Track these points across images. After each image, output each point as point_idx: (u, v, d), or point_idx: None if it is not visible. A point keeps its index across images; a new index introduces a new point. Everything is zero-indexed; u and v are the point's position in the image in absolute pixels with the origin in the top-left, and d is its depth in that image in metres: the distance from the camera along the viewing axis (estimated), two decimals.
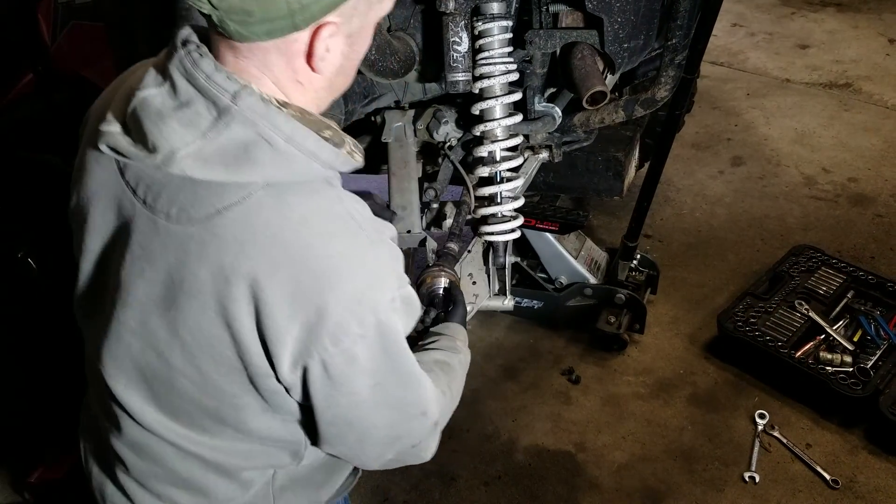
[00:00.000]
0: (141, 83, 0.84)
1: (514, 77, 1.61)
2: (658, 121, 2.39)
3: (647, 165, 2.20)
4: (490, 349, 2.55)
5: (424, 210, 1.80)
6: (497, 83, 1.59)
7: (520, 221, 1.73)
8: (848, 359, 2.23)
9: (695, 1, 1.53)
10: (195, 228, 0.83)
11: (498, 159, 1.68)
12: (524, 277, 2.53)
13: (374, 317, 0.84)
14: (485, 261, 1.81)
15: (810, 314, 2.38)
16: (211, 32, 0.83)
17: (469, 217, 1.74)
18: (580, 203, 2.95)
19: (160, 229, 0.85)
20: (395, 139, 1.78)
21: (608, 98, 1.51)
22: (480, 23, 1.53)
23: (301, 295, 0.81)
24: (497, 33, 1.54)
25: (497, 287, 1.84)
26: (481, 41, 1.55)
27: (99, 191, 0.92)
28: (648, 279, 2.55)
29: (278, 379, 0.87)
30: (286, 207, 0.82)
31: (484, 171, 1.69)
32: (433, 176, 1.82)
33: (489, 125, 1.64)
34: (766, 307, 2.44)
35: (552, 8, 1.56)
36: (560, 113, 1.72)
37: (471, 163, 1.74)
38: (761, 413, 2.22)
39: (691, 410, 2.29)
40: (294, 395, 0.90)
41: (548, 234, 2.36)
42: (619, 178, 2.14)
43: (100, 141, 0.86)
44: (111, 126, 0.86)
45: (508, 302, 1.84)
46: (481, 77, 1.58)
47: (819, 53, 4.25)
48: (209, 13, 0.76)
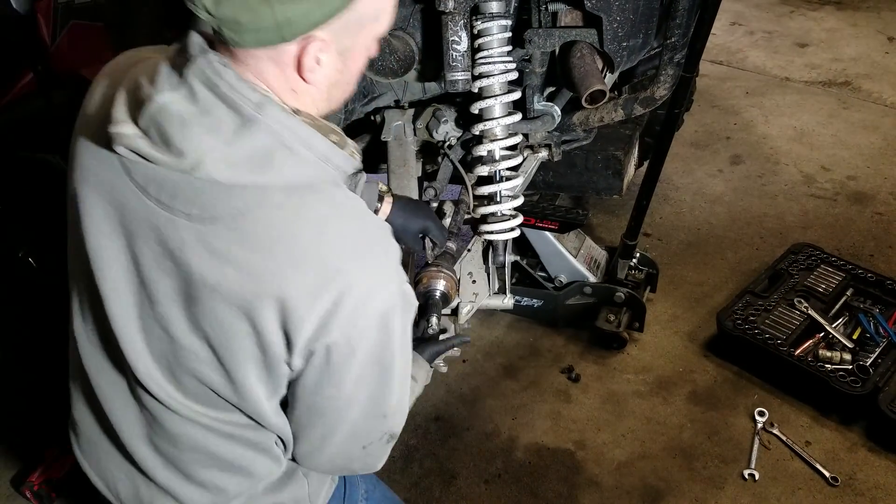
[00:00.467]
0: (154, 85, 0.86)
1: (514, 76, 1.61)
2: (657, 119, 2.39)
3: (647, 164, 2.20)
4: (490, 347, 2.56)
5: None
6: (496, 82, 1.59)
7: (519, 220, 1.73)
8: (847, 356, 2.23)
9: (693, 0, 1.53)
10: (217, 227, 0.87)
11: (497, 158, 1.69)
12: (524, 276, 2.53)
13: (378, 311, 0.91)
14: (484, 259, 1.81)
15: (809, 312, 2.39)
16: (215, 38, 0.86)
17: (468, 216, 1.74)
18: (579, 202, 2.95)
19: (180, 228, 0.88)
20: (395, 138, 1.79)
21: (607, 97, 1.51)
22: (479, 22, 1.53)
23: (320, 289, 0.87)
24: (496, 32, 1.54)
25: (497, 286, 1.84)
26: (480, 40, 1.55)
27: (99, 186, 0.93)
28: (648, 278, 2.55)
29: (288, 363, 0.93)
30: (304, 208, 0.88)
31: (483, 170, 1.69)
32: (433, 175, 1.82)
33: (488, 124, 1.64)
34: (766, 305, 2.45)
35: (551, 7, 1.56)
36: (559, 112, 1.72)
37: (470, 162, 1.74)
38: (761, 411, 2.23)
39: (691, 408, 2.29)
40: (292, 370, 0.95)
41: (547, 233, 2.37)
42: (619, 177, 2.14)
43: (115, 143, 0.87)
44: (125, 128, 0.87)
45: (508, 300, 1.85)
46: (480, 76, 1.59)
47: (818, 52, 4.25)
48: (207, 20, 0.80)
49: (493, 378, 2.45)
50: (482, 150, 1.68)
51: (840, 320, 2.39)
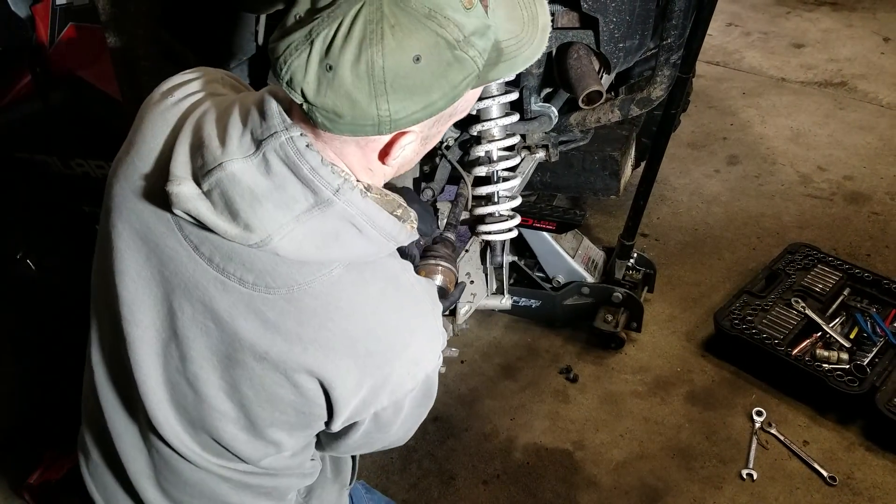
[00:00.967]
0: (225, 148, 0.82)
1: (511, 77, 1.61)
2: (654, 120, 2.39)
3: (644, 164, 2.20)
4: (488, 348, 2.56)
5: None
6: (493, 84, 1.60)
7: (517, 221, 1.73)
8: (844, 356, 2.24)
9: (690, 1, 1.54)
10: (273, 297, 0.86)
11: (495, 159, 1.69)
12: (522, 276, 2.53)
13: (425, 373, 0.94)
14: (482, 260, 1.81)
15: (807, 312, 2.39)
16: (296, 107, 0.81)
17: (466, 214, 1.75)
18: (577, 202, 2.95)
19: (230, 291, 0.87)
20: None
21: (604, 97, 1.51)
22: None
23: (372, 364, 0.89)
24: None
25: (495, 286, 1.84)
26: None
27: (143, 233, 0.90)
28: (645, 278, 2.56)
29: (327, 425, 0.96)
30: (363, 285, 0.88)
31: (481, 171, 1.70)
32: (430, 175, 1.82)
33: (486, 125, 1.65)
34: (763, 305, 2.45)
35: (549, 8, 1.56)
36: (556, 112, 1.72)
37: (468, 162, 1.75)
38: (758, 410, 2.23)
39: (689, 408, 2.30)
40: (330, 430, 0.98)
41: (545, 234, 2.37)
42: (616, 177, 2.14)
43: (173, 205, 0.83)
44: (185, 187, 0.83)
45: (506, 301, 1.85)
46: None
47: (814, 52, 4.27)
48: (300, 104, 0.76)
49: (492, 378, 2.45)
50: (480, 151, 1.68)
51: (837, 320, 2.40)
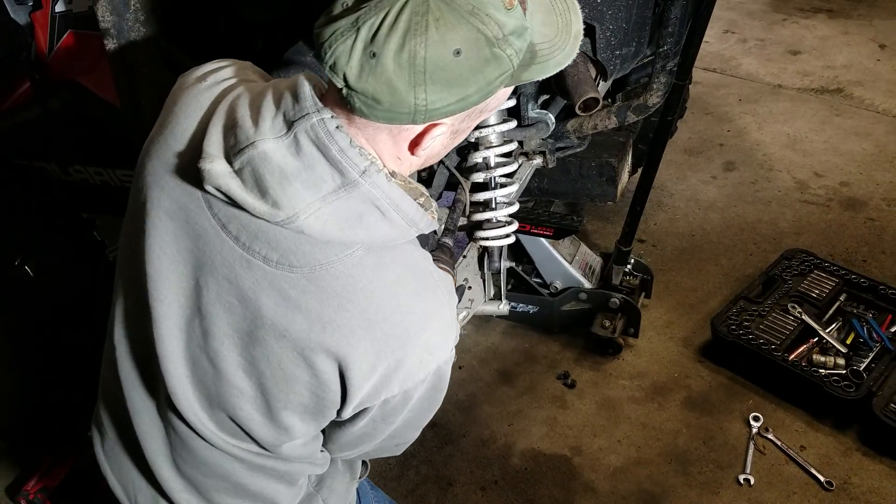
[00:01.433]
0: (258, 128, 0.85)
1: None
2: (651, 127, 2.40)
3: (640, 171, 2.21)
4: (486, 354, 2.56)
5: None
6: None
7: (514, 226, 1.74)
8: (841, 361, 2.25)
9: (686, 8, 1.55)
10: (295, 276, 0.88)
11: (492, 165, 1.70)
12: (519, 282, 2.54)
13: (437, 364, 0.94)
14: (480, 266, 1.82)
15: (803, 317, 2.40)
16: (330, 93, 0.86)
17: (464, 220, 1.75)
18: (574, 208, 2.96)
19: (255, 269, 0.89)
20: None
21: (601, 104, 1.52)
22: None
23: (387, 346, 0.90)
24: None
25: (492, 292, 1.85)
26: None
27: (174, 211, 0.92)
28: (642, 283, 2.56)
29: (339, 412, 0.97)
30: (383, 268, 0.90)
31: (479, 177, 1.70)
32: (428, 181, 1.83)
33: (483, 131, 1.65)
34: (760, 311, 2.46)
35: None
36: (553, 119, 1.73)
37: (466, 168, 1.75)
38: (755, 416, 2.24)
39: (686, 414, 2.30)
40: (341, 418, 0.99)
41: (542, 239, 2.38)
42: (613, 184, 2.15)
43: (205, 181, 0.85)
44: (216, 164, 0.85)
45: (504, 307, 1.85)
46: None
47: (810, 59, 4.29)
48: (341, 88, 0.79)
49: (489, 384, 2.45)
50: (477, 157, 1.69)
51: (834, 325, 2.41)
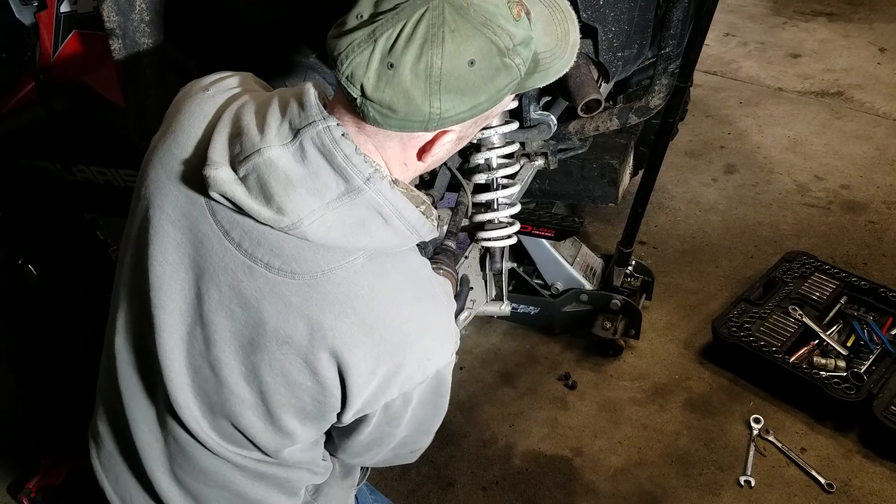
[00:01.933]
0: (263, 136, 0.86)
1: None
2: (652, 129, 2.41)
3: (642, 173, 2.22)
4: (487, 355, 2.56)
5: None
6: None
7: (516, 227, 1.74)
8: (841, 363, 2.25)
9: (687, 11, 1.55)
10: (297, 282, 0.88)
11: (494, 166, 1.70)
12: (520, 283, 2.54)
13: (436, 368, 0.95)
14: (482, 267, 1.82)
15: (804, 319, 2.40)
16: (339, 102, 0.87)
17: (466, 222, 1.76)
18: (575, 210, 2.97)
19: (257, 276, 0.89)
20: None
21: (602, 106, 1.53)
22: None
23: (386, 353, 0.90)
24: None
25: (494, 293, 1.85)
26: None
27: (177, 219, 0.93)
28: (643, 285, 2.57)
29: (339, 416, 0.97)
30: (384, 275, 0.90)
31: (481, 178, 1.71)
32: (430, 183, 1.84)
33: (486, 133, 1.66)
34: (760, 313, 2.46)
35: None
36: (555, 121, 1.74)
37: (468, 170, 1.76)
38: (756, 418, 2.24)
39: (687, 415, 2.30)
40: (341, 423, 0.99)
41: (544, 241, 2.38)
42: (614, 185, 2.16)
43: (210, 187, 0.86)
44: (221, 171, 0.86)
45: (505, 307, 1.86)
46: None
47: (811, 62, 4.30)
48: (356, 97, 0.81)
49: (491, 385, 2.45)
50: (480, 159, 1.70)
51: (834, 328, 2.41)
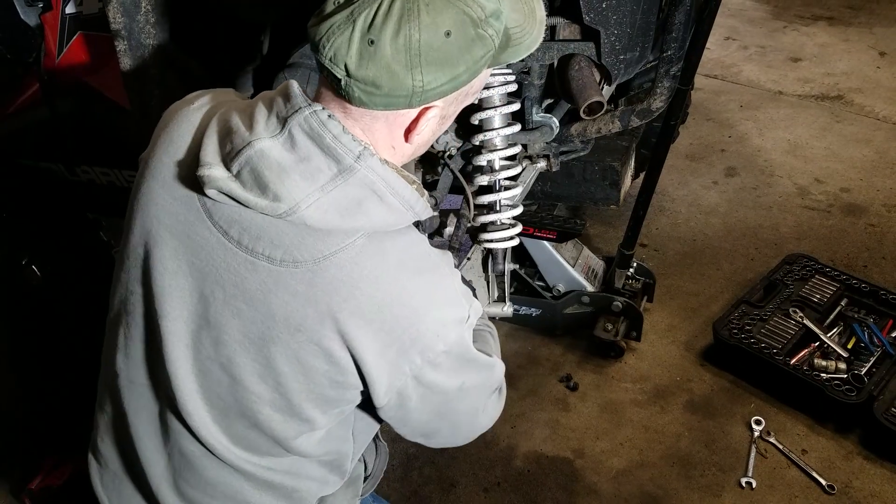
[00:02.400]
0: (252, 130, 0.88)
1: (513, 88, 1.63)
2: (653, 131, 2.42)
3: (643, 175, 2.23)
4: None
5: None
6: (496, 94, 1.62)
7: (518, 229, 1.75)
8: (842, 365, 2.26)
9: (689, 14, 1.56)
10: (300, 270, 0.89)
11: (497, 168, 1.71)
12: (522, 285, 2.55)
13: (455, 334, 0.96)
14: (484, 268, 1.83)
15: (804, 322, 2.41)
16: (324, 91, 0.89)
17: (468, 226, 1.76)
18: (577, 212, 2.97)
19: (260, 271, 0.90)
20: None
21: (605, 109, 1.53)
22: None
23: (398, 328, 0.92)
24: None
25: (496, 294, 1.86)
26: None
27: (173, 226, 0.94)
28: (645, 287, 2.57)
29: (371, 399, 0.97)
30: (384, 253, 0.91)
31: (483, 180, 1.72)
32: (433, 185, 1.84)
33: (488, 134, 1.67)
34: (761, 315, 2.47)
35: (549, 21, 1.59)
36: (557, 123, 1.74)
37: (470, 172, 1.77)
38: (757, 419, 2.24)
39: (688, 417, 2.31)
40: (388, 410, 0.99)
41: (545, 243, 2.39)
42: (616, 188, 2.17)
43: (206, 186, 0.88)
44: (215, 170, 0.88)
45: (507, 309, 1.86)
46: None
47: (811, 66, 4.31)
48: (341, 78, 0.83)
49: None
50: (482, 160, 1.70)
51: (835, 330, 2.42)
